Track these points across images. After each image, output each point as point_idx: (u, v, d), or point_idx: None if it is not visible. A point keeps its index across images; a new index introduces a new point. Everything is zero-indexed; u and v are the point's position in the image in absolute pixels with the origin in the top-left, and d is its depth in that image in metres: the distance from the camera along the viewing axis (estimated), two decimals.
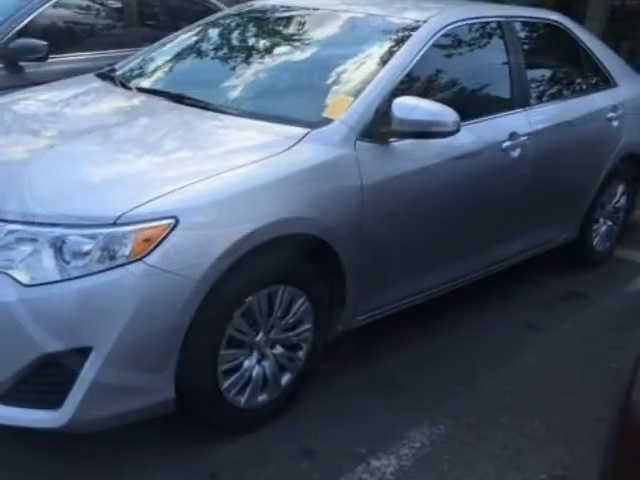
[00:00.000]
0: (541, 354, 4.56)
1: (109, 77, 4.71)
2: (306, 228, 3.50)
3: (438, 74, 4.42)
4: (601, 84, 5.71)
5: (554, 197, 5.21)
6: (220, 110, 3.99)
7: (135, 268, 2.96)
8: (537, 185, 4.89)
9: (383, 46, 4.27)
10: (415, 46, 4.20)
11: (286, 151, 3.55)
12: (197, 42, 4.97)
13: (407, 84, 4.09)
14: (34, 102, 4.43)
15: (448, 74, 4.48)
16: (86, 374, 2.95)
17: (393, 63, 4.07)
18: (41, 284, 2.92)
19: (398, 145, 3.89)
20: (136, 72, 4.73)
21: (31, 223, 2.98)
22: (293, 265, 3.53)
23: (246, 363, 3.48)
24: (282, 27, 4.83)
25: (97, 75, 4.80)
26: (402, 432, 3.70)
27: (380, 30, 4.49)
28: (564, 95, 5.41)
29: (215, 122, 3.92)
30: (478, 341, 4.65)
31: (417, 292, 4.36)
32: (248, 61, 4.53)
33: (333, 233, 3.58)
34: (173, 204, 3.08)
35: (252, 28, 4.98)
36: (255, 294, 3.36)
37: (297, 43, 4.55)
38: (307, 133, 3.67)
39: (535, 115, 4.88)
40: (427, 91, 4.20)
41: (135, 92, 4.41)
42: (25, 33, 5.89)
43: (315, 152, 3.62)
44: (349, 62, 4.20)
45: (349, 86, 4.01)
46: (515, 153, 4.61)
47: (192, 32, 5.09)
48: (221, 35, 5.02)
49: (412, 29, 4.33)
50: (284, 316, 3.55)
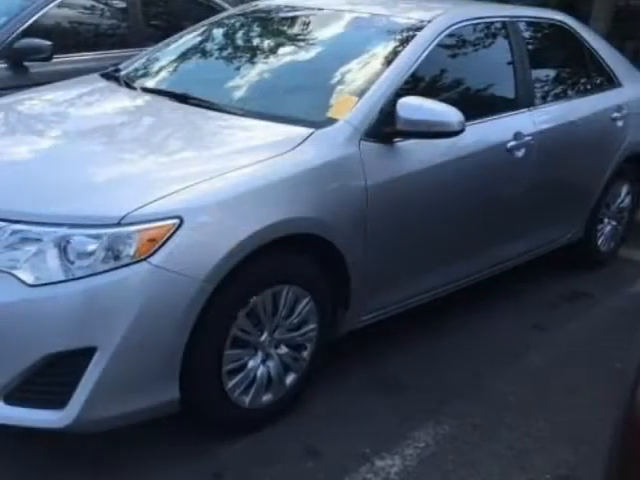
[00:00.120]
0: (546, 354, 4.56)
1: (113, 77, 4.71)
2: (310, 228, 3.50)
3: (443, 74, 4.43)
4: (605, 84, 5.70)
5: (558, 197, 5.21)
6: (225, 110, 3.98)
7: (139, 268, 2.96)
8: (541, 185, 4.90)
9: (388, 46, 4.27)
10: (420, 46, 4.20)
11: (291, 151, 3.55)
12: (201, 42, 4.97)
13: (412, 84, 4.09)
14: (38, 102, 4.43)
15: (453, 74, 4.48)
16: (90, 374, 2.94)
17: (398, 63, 4.07)
18: (45, 284, 2.91)
19: (402, 145, 3.89)
20: (140, 72, 4.73)
21: (35, 223, 2.98)
22: (297, 265, 3.54)
23: (250, 363, 3.48)
24: (286, 27, 4.84)
25: (101, 75, 4.80)
26: (406, 432, 3.70)
27: (384, 30, 4.49)
28: (568, 95, 5.40)
29: (220, 122, 3.92)
30: (482, 341, 4.64)
31: (421, 292, 4.36)
32: (252, 61, 4.53)
33: (337, 233, 3.58)
34: (178, 204, 3.08)
35: (256, 28, 4.98)
36: (260, 294, 3.36)
37: (301, 43, 4.55)
38: (311, 133, 3.66)
39: (539, 115, 4.88)
40: (432, 91, 4.19)
41: (139, 92, 4.41)
42: (30, 33, 5.87)
43: (319, 152, 3.61)
44: (353, 62, 4.19)
45: (354, 86, 4.01)
46: (520, 153, 4.61)
47: (196, 32, 5.09)
48: (225, 35, 5.02)
49: (417, 29, 4.33)
50: (288, 316, 3.55)
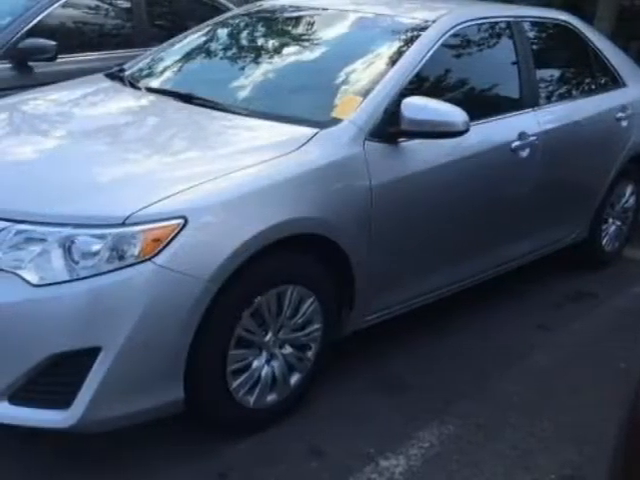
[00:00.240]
0: (550, 354, 4.55)
1: (118, 77, 4.71)
2: (315, 228, 3.50)
3: (447, 74, 4.42)
4: (610, 84, 5.69)
5: (563, 197, 5.20)
6: (229, 110, 3.98)
7: (144, 268, 2.96)
8: (546, 185, 4.89)
9: (392, 46, 4.26)
10: (424, 46, 4.20)
11: (295, 151, 3.55)
12: (206, 42, 4.97)
13: (416, 84, 4.09)
14: (43, 102, 4.43)
15: (457, 74, 4.48)
16: (95, 374, 2.94)
17: (402, 63, 4.07)
18: (50, 284, 2.92)
19: (407, 145, 3.89)
20: (145, 72, 4.73)
21: (40, 223, 2.98)
22: (302, 265, 3.54)
23: (255, 363, 3.47)
24: (291, 27, 4.83)
25: (106, 75, 4.80)
26: (411, 432, 3.69)
27: (389, 30, 4.49)
28: (573, 95, 5.40)
29: (224, 122, 3.92)
30: (487, 341, 4.64)
31: (426, 292, 4.35)
32: (257, 61, 4.53)
33: (342, 233, 3.58)
34: (182, 204, 3.08)
35: (261, 28, 4.98)
36: (264, 294, 3.36)
37: (306, 43, 4.55)
38: (316, 133, 3.66)
39: (544, 115, 4.87)
40: (436, 91, 4.19)
41: (144, 92, 4.41)
42: (34, 33, 5.87)
43: (324, 152, 3.61)
44: (358, 62, 4.19)
45: (358, 86, 4.01)
46: (524, 153, 4.61)
47: (201, 32, 5.09)
48: (230, 35, 5.02)
49: (421, 29, 4.32)
50: (293, 316, 3.55)
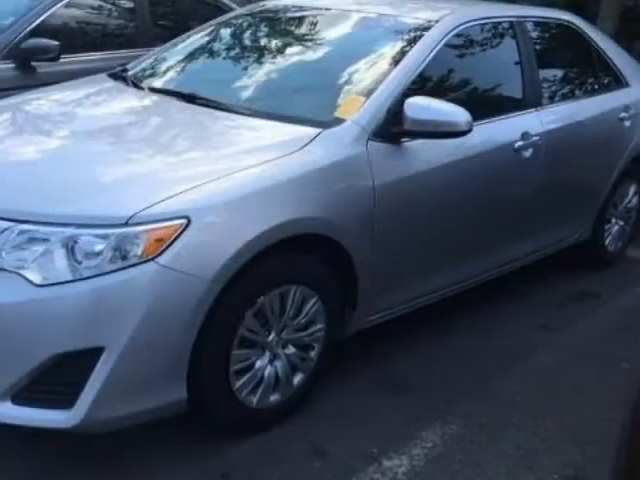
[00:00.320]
0: (553, 354, 4.55)
1: (121, 77, 4.71)
2: (318, 228, 3.50)
3: (450, 74, 4.42)
4: (613, 84, 5.69)
5: (566, 197, 5.20)
6: (232, 110, 3.98)
7: (147, 268, 2.96)
8: (549, 185, 4.89)
9: (395, 46, 4.27)
10: (427, 46, 4.19)
11: (298, 151, 3.55)
12: (209, 42, 4.97)
13: (419, 84, 4.08)
14: (46, 102, 4.43)
15: (460, 74, 4.48)
16: (98, 374, 2.94)
17: (405, 63, 4.06)
18: (53, 284, 2.92)
19: (410, 145, 3.89)
20: (148, 72, 4.73)
21: (43, 223, 2.98)
22: (305, 265, 3.54)
23: (258, 363, 3.47)
24: (294, 27, 4.84)
25: (109, 75, 4.80)
26: (414, 432, 3.69)
27: (392, 30, 4.49)
28: (576, 95, 5.40)
29: (227, 122, 3.92)
30: (490, 341, 4.63)
31: (429, 292, 4.35)
32: (260, 61, 4.54)
33: (345, 233, 3.58)
34: (185, 204, 3.08)
35: (264, 28, 4.99)
36: (267, 294, 3.36)
37: (309, 43, 4.55)
38: (319, 133, 3.66)
39: (547, 115, 4.87)
40: (439, 91, 4.19)
41: (147, 92, 4.42)
42: (37, 33, 5.87)
43: (327, 152, 3.61)
44: (361, 62, 4.19)
45: (361, 86, 4.01)
46: (527, 153, 4.61)
47: (204, 32, 5.09)
48: (233, 35, 5.02)
49: (424, 29, 4.32)
50: (296, 316, 3.55)
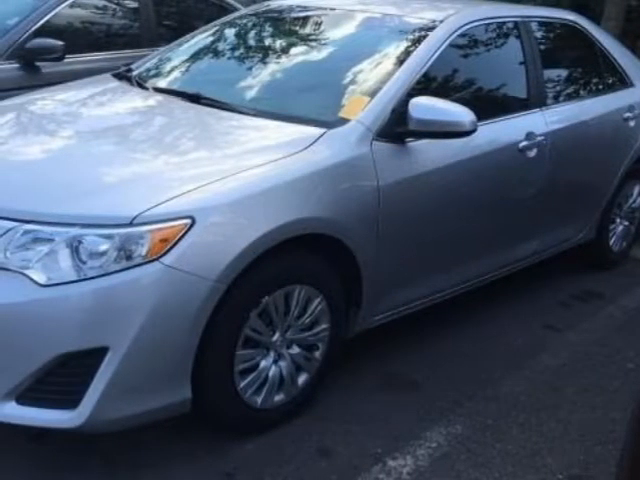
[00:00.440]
0: (558, 354, 4.55)
1: (125, 77, 4.71)
2: (323, 228, 3.49)
3: (455, 74, 4.42)
4: (617, 84, 5.68)
5: (571, 197, 5.19)
6: (237, 110, 3.98)
7: (152, 268, 2.96)
8: (553, 185, 4.88)
9: (400, 46, 4.26)
10: (432, 46, 4.19)
11: (303, 151, 3.54)
12: (213, 42, 4.97)
13: (424, 84, 4.08)
14: (50, 102, 4.43)
15: (465, 74, 4.48)
16: (102, 374, 2.94)
17: (410, 63, 4.06)
18: (57, 284, 2.92)
19: (414, 145, 3.89)
20: (152, 72, 4.73)
21: (47, 223, 2.98)
22: (310, 265, 3.53)
23: (263, 363, 3.47)
24: (298, 27, 4.84)
25: (113, 75, 4.81)
26: (418, 432, 3.69)
27: (396, 30, 4.49)
28: (581, 95, 5.39)
29: (232, 122, 3.92)
30: (495, 341, 4.63)
31: (433, 292, 4.35)
32: (264, 61, 4.54)
33: (349, 233, 3.58)
34: (190, 204, 3.08)
35: (268, 28, 4.99)
36: (272, 294, 3.36)
37: (313, 43, 4.55)
38: (323, 133, 3.66)
39: (552, 115, 4.87)
40: (444, 91, 4.20)
41: (152, 92, 4.41)
42: (42, 33, 5.88)
43: (332, 152, 3.61)
44: (365, 62, 4.19)
45: (365, 86, 4.01)
46: (532, 153, 4.60)
47: (208, 32, 5.09)
48: (237, 35, 5.02)
49: (429, 29, 4.32)
50: (301, 316, 3.55)
